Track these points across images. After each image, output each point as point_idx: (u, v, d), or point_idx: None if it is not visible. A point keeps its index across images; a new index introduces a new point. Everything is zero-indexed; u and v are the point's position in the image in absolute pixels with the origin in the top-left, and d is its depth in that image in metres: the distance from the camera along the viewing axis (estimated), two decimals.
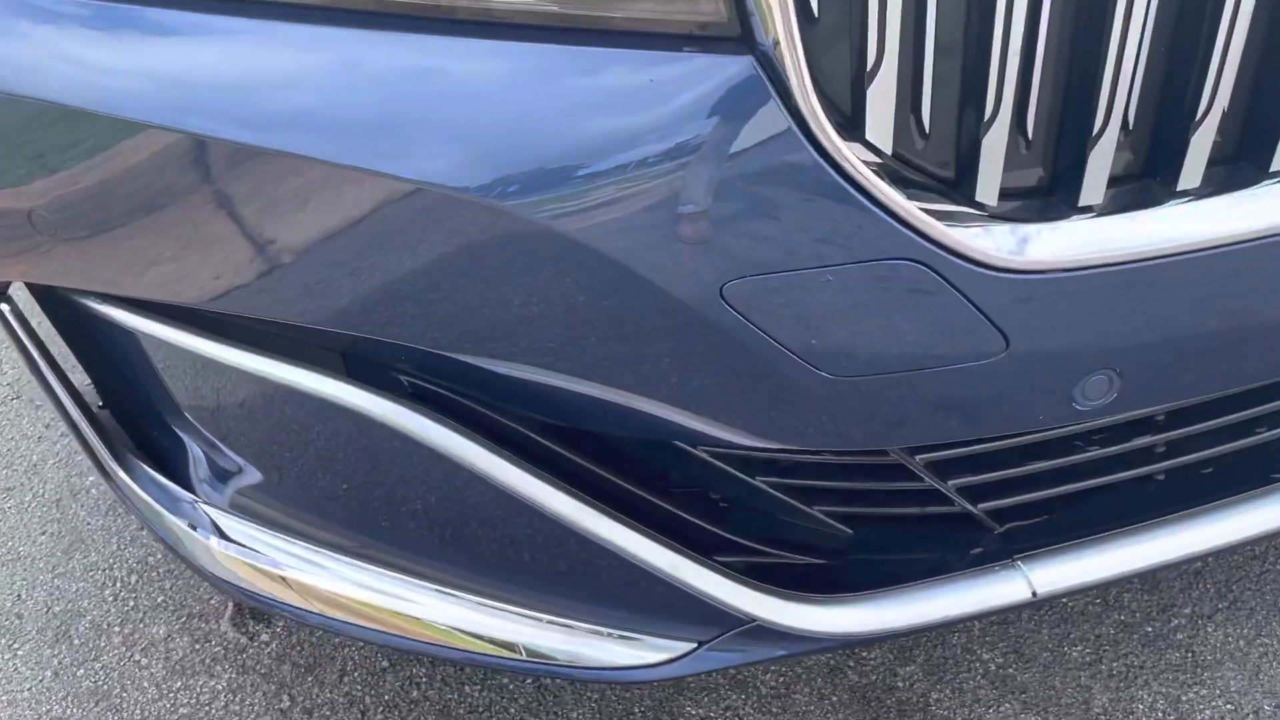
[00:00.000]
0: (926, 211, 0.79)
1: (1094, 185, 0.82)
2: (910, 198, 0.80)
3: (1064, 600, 1.54)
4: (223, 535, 1.15)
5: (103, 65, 0.83)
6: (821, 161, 0.76)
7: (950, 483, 1.05)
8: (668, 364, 0.88)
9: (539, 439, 1.02)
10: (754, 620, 1.01)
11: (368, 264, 0.84)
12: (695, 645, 1.04)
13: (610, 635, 1.04)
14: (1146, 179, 0.85)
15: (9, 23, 0.85)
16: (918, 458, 1.03)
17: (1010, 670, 1.47)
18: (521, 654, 1.06)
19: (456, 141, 0.77)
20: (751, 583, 1.00)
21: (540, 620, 1.05)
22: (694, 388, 0.90)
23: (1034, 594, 1.04)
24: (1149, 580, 1.56)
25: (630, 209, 0.78)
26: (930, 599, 1.03)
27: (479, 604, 1.06)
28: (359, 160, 0.78)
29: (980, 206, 0.82)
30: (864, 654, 1.51)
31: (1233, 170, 0.86)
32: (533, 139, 0.77)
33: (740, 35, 0.73)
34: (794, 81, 0.73)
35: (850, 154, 0.76)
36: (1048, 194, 0.85)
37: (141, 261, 0.92)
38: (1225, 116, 0.83)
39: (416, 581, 1.05)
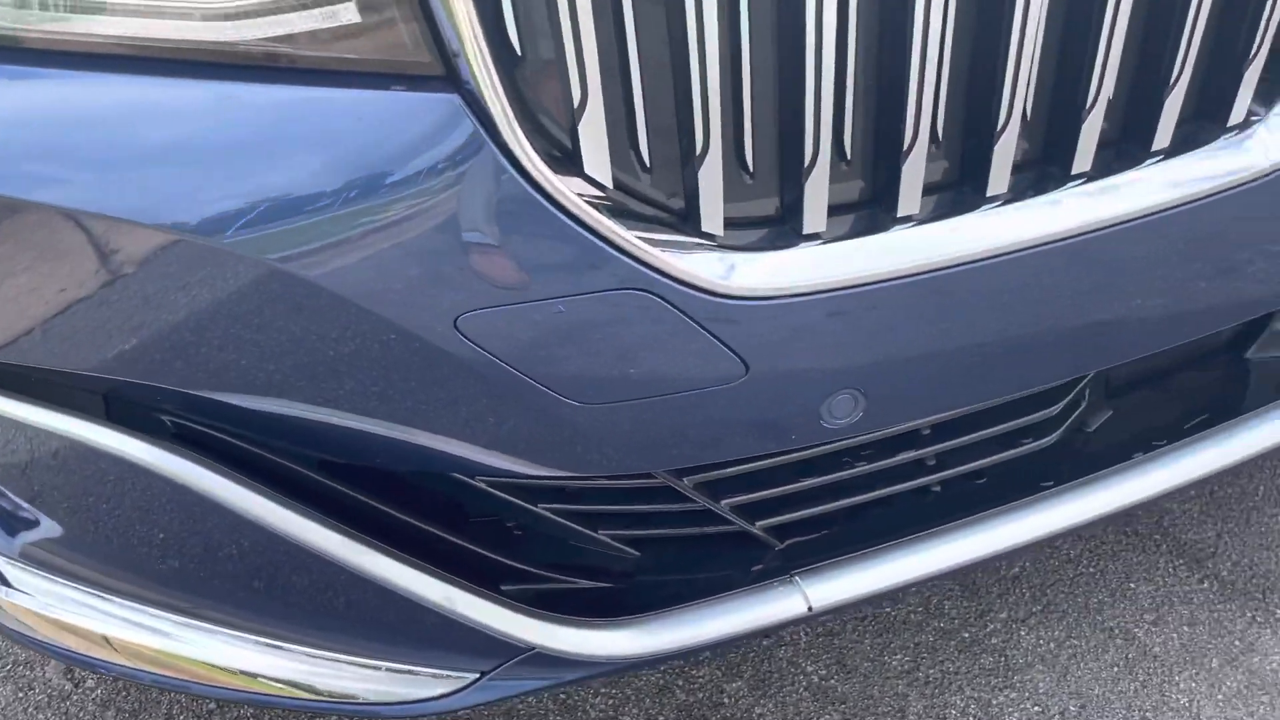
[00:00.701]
0: (651, 242, 0.82)
1: (815, 214, 0.85)
2: (637, 229, 0.82)
3: (887, 610, 1.58)
4: (6, 584, 1.13)
5: None
6: (537, 196, 0.77)
7: (724, 502, 1.08)
8: (418, 398, 0.89)
9: (313, 475, 1.02)
10: (533, 648, 1.02)
11: (98, 306, 0.83)
12: (478, 675, 1.04)
13: (391, 670, 1.03)
14: (871, 206, 0.89)
15: None
16: (687, 479, 1.05)
17: (832, 682, 1.50)
18: (308, 693, 1.06)
19: (172, 183, 0.77)
20: (527, 610, 1.01)
21: (318, 658, 1.04)
22: (451, 420, 0.91)
23: (810, 609, 1.07)
24: (968, 586, 1.61)
25: (352, 248, 0.79)
26: (708, 618, 1.05)
27: (261, 645, 1.05)
28: (72, 201, 0.77)
29: (710, 236, 0.85)
30: (693, 672, 1.53)
31: (952, 195, 0.90)
32: (249, 179, 0.77)
33: (445, 75, 0.74)
34: (500, 119, 0.74)
35: (565, 188, 0.77)
36: (779, 222, 0.88)
37: None
38: (934, 147, 0.87)
39: (192, 622, 1.03)
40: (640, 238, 0.81)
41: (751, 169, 0.84)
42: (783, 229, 0.87)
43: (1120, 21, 0.85)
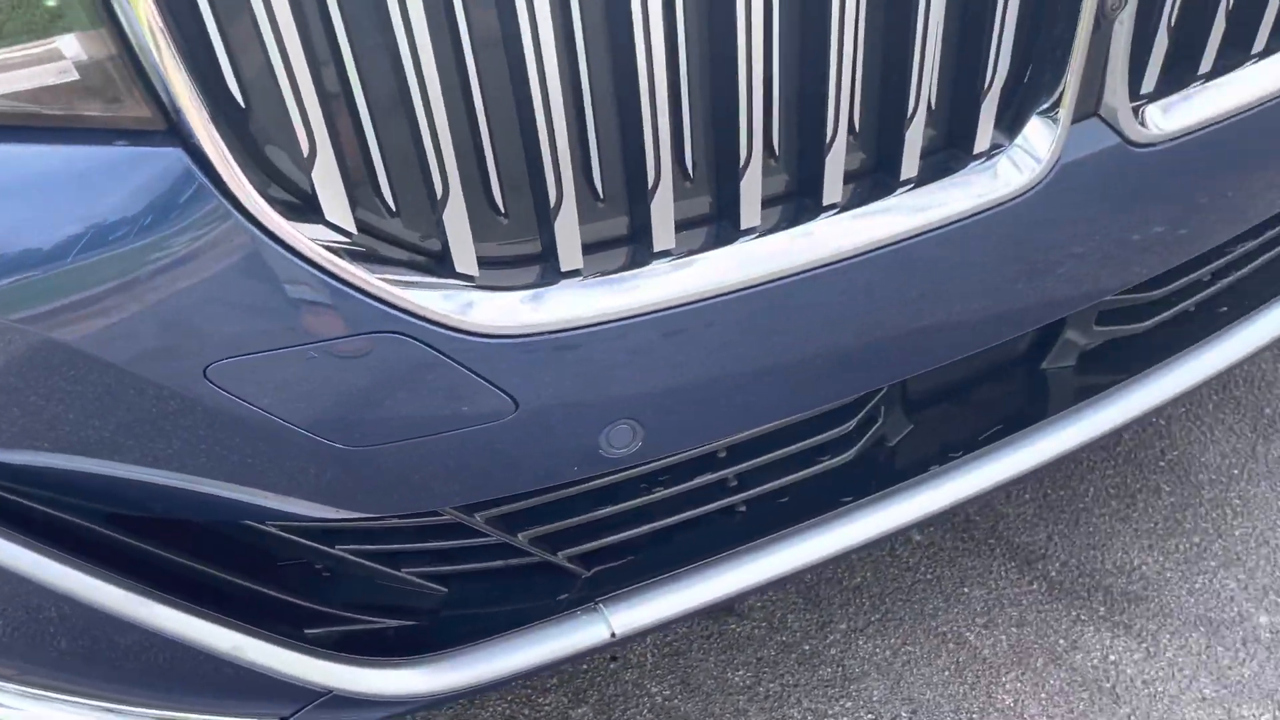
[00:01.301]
0: (405, 284, 0.83)
1: (570, 252, 0.87)
2: (391, 271, 0.83)
3: (732, 626, 1.61)
4: None
5: None
6: (273, 245, 0.78)
7: (523, 534, 1.09)
8: (187, 448, 0.88)
9: (100, 529, 1.01)
10: (329, 691, 1.02)
11: None
12: None
13: None
14: (630, 243, 0.91)
15: None
16: (481, 514, 1.06)
17: (675, 701, 1.52)
18: None
19: None
20: (320, 653, 1.01)
21: (119, 712, 1.02)
22: (223, 467, 0.91)
23: (613, 634, 1.08)
24: (810, 598, 1.64)
25: (95, 304, 0.78)
26: (509, 651, 1.06)
27: (59, 701, 1.04)
28: None
29: (466, 277, 0.86)
30: (539, 700, 1.53)
31: (711, 229, 0.93)
32: None
33: (168, 129, 0.75)
34: (225, 172, 0.75)
35: (301, 236, 0.78)
36: (539, 260, 0.89)
37: None
38: (690, 184, 0.90)
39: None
40: (390, 280, 0.82)
41: (503, 210, 0.86)
42: (542, 266, 0.89)
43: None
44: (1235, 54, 1.09)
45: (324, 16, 0.74)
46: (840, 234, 0.95)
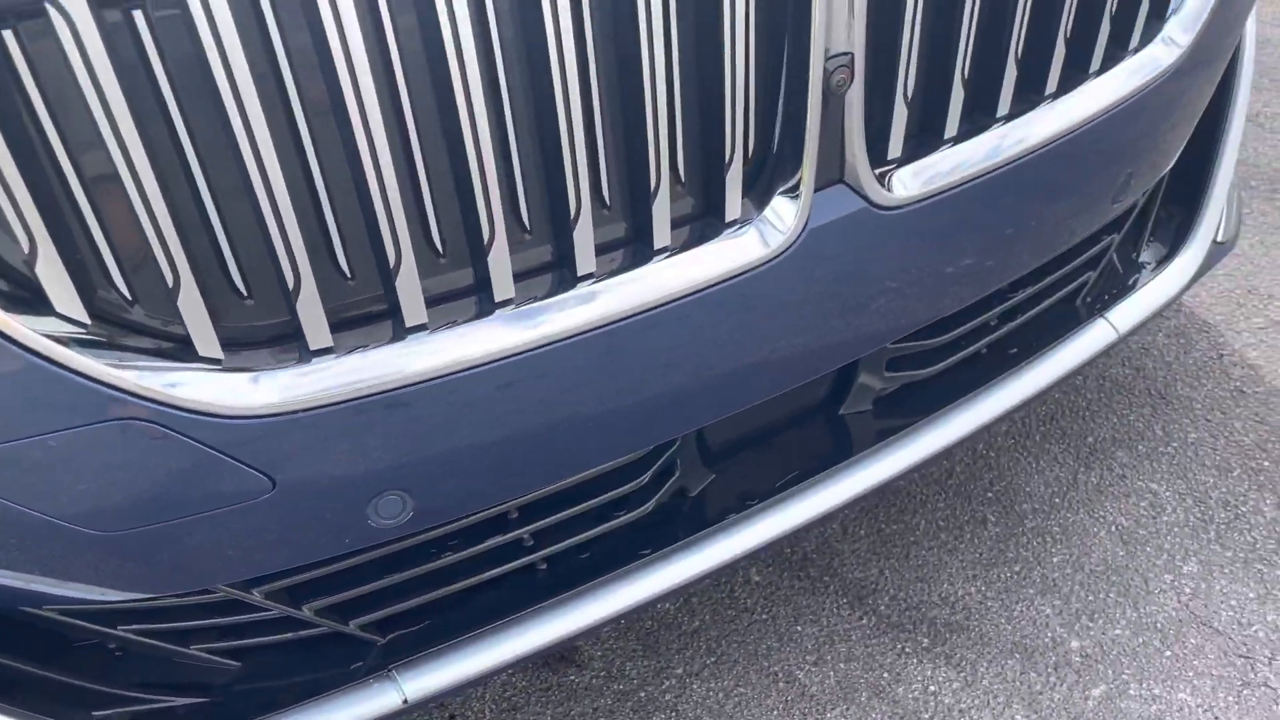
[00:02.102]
0: (138, 369, 0.84)
1: (317, 332, 0.89)
2: (135, 358, 0.84)
3: (571, 678, 1.62)
4: None
5: None
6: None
7: (309, 606, 1.10)
8: None
9: None
10: None
11: None
12: None
13: None
14: (381, 319, 0.93)
15: None
16: (259, 590, 1.06)
17: None
18: None
19: None
20: None
21: None
22: None
23: (405, 701, 1.09)
24: (649, 645, 1.67)
25: None
26: None
27: None
28: None
29: (211, 360, 0.87)
30: None
31: (465, 303, 0.96)
32: None
33: None
34: None
35: (24, 328, 0.79)
36: (287, 340, 0.91)
37: None
38: (443, 260, 0.93)
39: None
40: (127, 366, 0.83)
41: (246, 292, 0.88)
42: (290, 346, 0.91)
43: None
44: (982, 119, 1.16)
45: (29, 110, 0.75)
46: (604, 300, 0.98)
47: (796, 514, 1.27)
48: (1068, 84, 1.20)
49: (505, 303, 0.95)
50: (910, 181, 1.09)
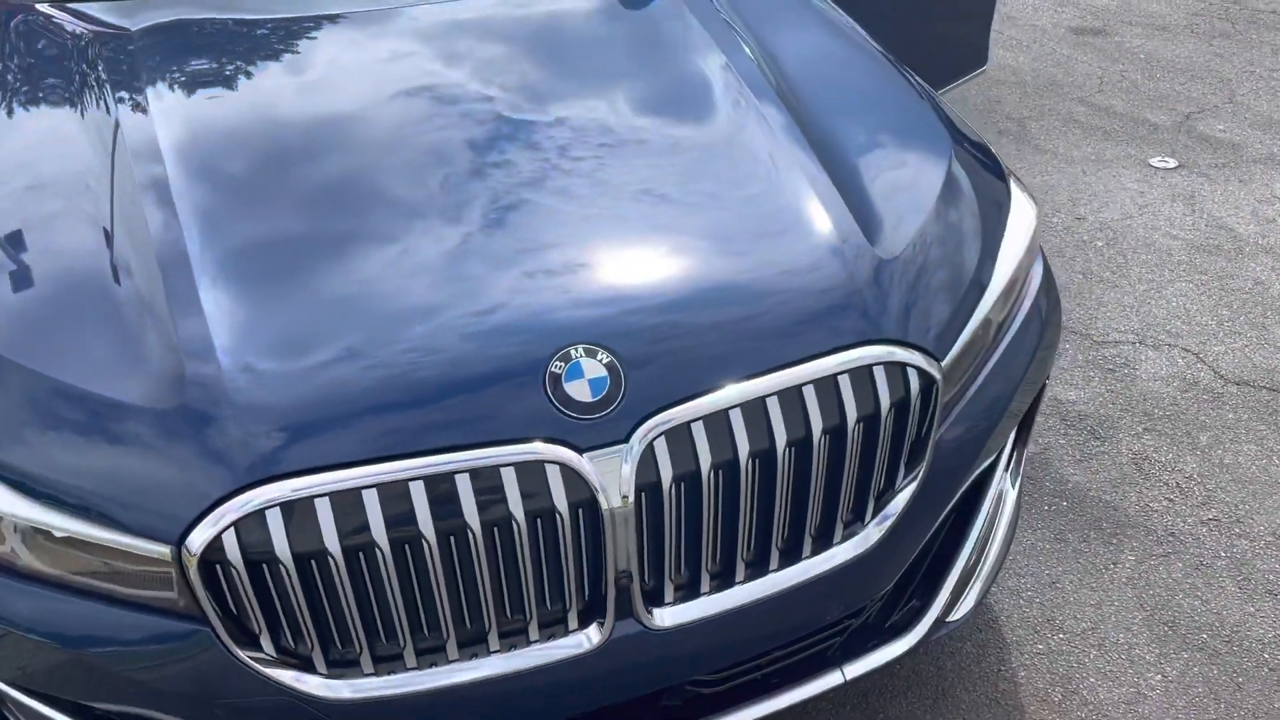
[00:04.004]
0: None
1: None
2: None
3: None
4: None
5: None
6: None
7: None
8: None
9: None
10: None
11: None
12: None
13: None
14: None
15: None
16: None
17: None
18: None
19: None
20: None
21: None
22: None
23: None
24: None
25: None
26: None
27: None
28: None
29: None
30: None
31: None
32: None
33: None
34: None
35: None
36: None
37: None
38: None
39: None
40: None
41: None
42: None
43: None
44: (726, 580, 2.13)
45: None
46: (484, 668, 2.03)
47: None
48: (786, 562, 2.17)
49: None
50: (675, 616, 2.09)
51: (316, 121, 2.42)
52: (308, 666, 1.90)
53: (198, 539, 1.75)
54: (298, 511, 1.77)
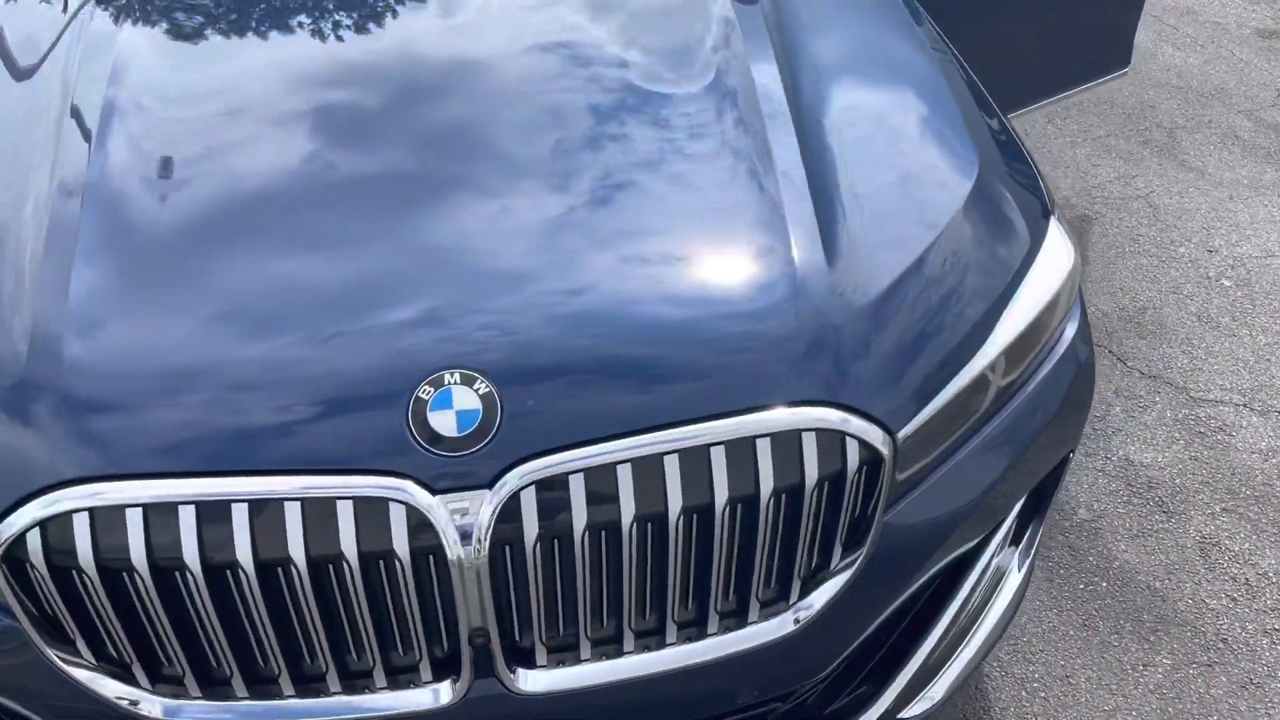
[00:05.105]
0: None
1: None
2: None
3: None
4: None
5: None
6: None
7: None
8: None
9: None
10: None
11: None
12: None
13: None
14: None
15: None
16: None
17: None
18: None
19: None
20: None
21: None
22: None
23: None
24: None
25: None
26: None
27: None
28: None
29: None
30: None
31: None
32: None
33: None
34: None
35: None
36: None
37: None
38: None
39: None
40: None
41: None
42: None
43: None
44: (610, 651, 1.88)
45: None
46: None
47: None
48: (688, 636, 1.90)
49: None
50: (546, 681, 1.86)
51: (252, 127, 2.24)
52: (131, 679, 1.76)
53: None
54: (106, 519, 1.62)
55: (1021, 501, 2.32)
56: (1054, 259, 2.21)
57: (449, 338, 1.76)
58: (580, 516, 1.70)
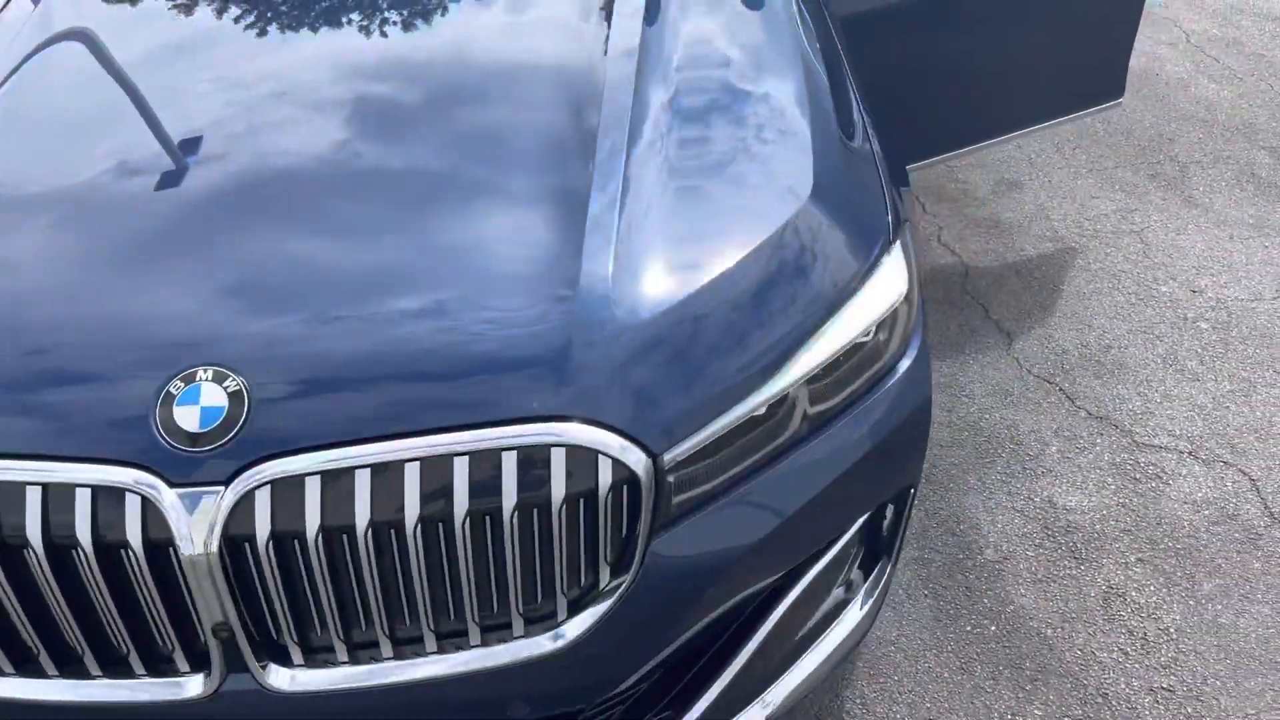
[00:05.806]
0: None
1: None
2: None
3: None
4: None
5: None
6: None
7: None
8: None
9: None
10: None
11: None
12: None
13: None
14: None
15: None
16: None
17: None
18: None
19: None
20: None
21: None
22: None
23: None
24: None
25: None
26: None
27: None
28: None
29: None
30: None
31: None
32: None
33: None
34: None
35: None
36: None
37: None
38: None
39: None
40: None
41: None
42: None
43: None
44: (364, 657, 1.88)
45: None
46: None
47: None
48: (448, 646, 1.90)
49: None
50: (299, 680, 1.87)
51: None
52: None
53: None
54: None
55: (848, 536, 2.26)
56: (885, 285, 2.16)
57: (210, 336, 1.80)
58: (314, 519, 1.72)
